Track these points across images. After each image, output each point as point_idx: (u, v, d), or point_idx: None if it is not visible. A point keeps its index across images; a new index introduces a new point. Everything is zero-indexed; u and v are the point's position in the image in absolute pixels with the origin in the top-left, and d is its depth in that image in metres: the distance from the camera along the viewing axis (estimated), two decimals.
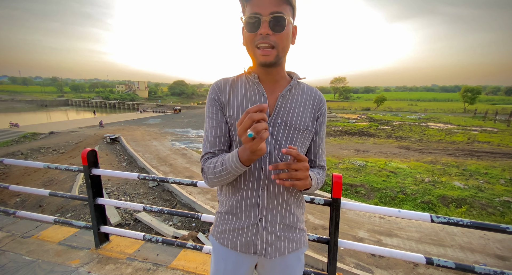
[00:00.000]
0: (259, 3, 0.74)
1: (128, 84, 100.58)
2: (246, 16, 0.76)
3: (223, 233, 0.89)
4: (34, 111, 58.76)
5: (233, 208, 0.87)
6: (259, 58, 0.78)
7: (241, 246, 0.86)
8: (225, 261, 0.89)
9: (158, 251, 2.08)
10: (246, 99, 0.85)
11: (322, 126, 0.92)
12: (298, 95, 0.88)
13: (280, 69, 0.85)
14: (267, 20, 0.74)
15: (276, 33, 0.75)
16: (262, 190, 0.83)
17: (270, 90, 0.86)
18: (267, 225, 0.85)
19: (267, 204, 0.84)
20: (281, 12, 0.74)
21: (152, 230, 8.24)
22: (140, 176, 1.98)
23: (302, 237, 0.92)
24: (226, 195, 0.90)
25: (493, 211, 9.00)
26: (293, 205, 0.89)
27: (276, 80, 0.86)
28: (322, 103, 0.90)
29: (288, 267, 0.90)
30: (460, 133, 25.43)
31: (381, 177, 11.77)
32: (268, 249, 0.85)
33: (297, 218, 0.90)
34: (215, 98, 0.87)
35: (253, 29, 0.76)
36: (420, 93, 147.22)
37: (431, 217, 1.35)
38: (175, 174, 12.87)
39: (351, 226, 7.88)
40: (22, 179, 13.16)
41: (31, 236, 2.28)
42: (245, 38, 0.80)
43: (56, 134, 24.28)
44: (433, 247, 6.95)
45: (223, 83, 0.89)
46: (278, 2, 0.74)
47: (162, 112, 49.01)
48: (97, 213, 2.07)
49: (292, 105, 0.86)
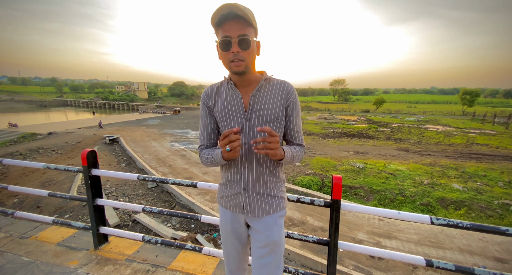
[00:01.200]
0: (229, 28, 0.95)
1: (127, 85, 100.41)
2: (219, 38, 0.98)
3: (222, 198, 1.21)
4: (33, 111, 58.56)
5: (227, 180, 1.18)
6: (232, 68, 1.00)
7: (232, 207, 1.16)
8: (225, 217, 1.20)
9: (157, 252, 2.07)
10: (227, 102, 1.10)
11: (294, 112, 1.12)
12: (267, 91, 1.09)
13: (251, 75, 1.07)
14: (236, 41, 0.96)
15: (244, 50, 0.97)
16: (244, 169, 1.11)
17: (245, 92, 1.10)
18: (249, 193, 1.13)
19: (248, 178, 1.12)
20: (246, 34, 0.96)
21: (150, 231, 8.20)
22: (140, 177, 1.97)
23: (279, 203, 1.16)
24: (223, 171, 1.20)
25: (492, 213, 9.01)
26: (269, 179, 1.13)
27: (249, 83, 1.09)
28: (290, 93, 1.10)
29: (267, 225, 1.14)
30: (459, 135, 25.49)
31: (380, 179, 11.77)
32: (250, 210, 1.13)
33: (272, 189, 1.15)
34: (205, 103, 1.16)
35: (226, 49, 0.98)
36: (419, 96, 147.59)
37: (431, 219, 1.36)
38: (174, 175, 12.84)
39: (350, 228, 7.87)
40: (20, 179, 13.10)
41: (29, 236, 2.27)
42: (220, 55, 1.02)
43: (55, 134, 24.21)
44: (432, 249, 6.94)
45: (210, 90, 1.16)
46: (243, 27, 0.95)
47: (162, 113, 48.96)
48: (96, 214, 2.06)
49: (263, 101, 1.08)
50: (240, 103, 1.08)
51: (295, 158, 1.10)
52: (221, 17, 0.94)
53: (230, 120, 1.09)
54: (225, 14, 0.92)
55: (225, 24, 0.95)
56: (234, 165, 1.13)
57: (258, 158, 1.11)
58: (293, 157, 1.08)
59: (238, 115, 1.08)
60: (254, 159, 1.11)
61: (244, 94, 1.09)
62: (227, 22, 0.95)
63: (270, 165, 1.13)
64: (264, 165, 1.12)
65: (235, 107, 1.09)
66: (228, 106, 1.09)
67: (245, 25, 0.96)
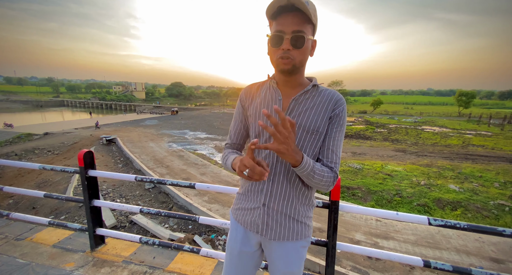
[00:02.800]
0: (283, 22, 0.84)
1: (125, 85, 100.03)
2: (272, 31, 0.88)
3: (237, 210, 1.06)
4: (29, 111, 58.04)
5: (246, 191, 1.03)
6: (279, 66, 0.89)
7: (247, 223, 1.01)
8: (237, 232, 1.05)
9: (154, 254, 2.06)
10: (264, 102, 0.98)
11: (336, 127, 0.93)
12: (312, 98, 0.94)
13: (299, 76, 0.94)
14: (289, 38, 0.84)
15: (296, 49, 0.85)
16: (268, 180, 0.96)
17: (287, 94, 0.95)
18: (269, 210, 0.96)
19: (271, 192, 0.96)
20: (302, 31, 0.84)
21: (148, 232, 8.15)
22: (138, 178, 1.96)
23: (302, 229, 0.99)
24: (243, 179, 1.04)
25: (488, 214, 9.09)
26: (295, 198, 0.97)
27: (294, 86, 0.95)
28: (338, 103, 0.93)
29: (286, 253, 0.99)
30: (455, 136, 25.71)
31: (378, 180, 11.82)
32: (268, 230, 0.97)
33: (298, 212, 0.97)
34: (241, 100, 1.06)
35: (276, 45, 0.86)
36: (416, 97, 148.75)
37: (429, 220, 1.36)
38: (171, 176, 12.79)
39: (348, 229, 7.89)
40: (15, 180, 12.95)
41: (25, 238, 2.24)
42: (269, 50, 0.91)
43: (51, 135, 24.00)
44: (429, 250, 6.98)
45: (250, 88, 1.05)
46: (300, 22, 0.83)
47: (159, 113, 48.78)
48: (93, 215, 2.04)
49: (305, 108, 0.93)
50: (279, 105, 0.94)
51: (315, 177, 0.86)
52: (278, 8, 0.83)
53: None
54: (283, 5, 0.82)
55: (281, 16, 0.85)
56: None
57: (286, 170, 0.94)
58: (313, 173, 0.85)
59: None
60: (282, 171, 0.94)
61: (285, 97, 0.95)
62: (283, 15, 0.84)
63: (299, 182, 0.96)
64: (292, 180, 0.95)
65: (271, 109, 0.95)
66: (265, 106, 0.96)
67: (303, 20, 0.84)
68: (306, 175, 0.86)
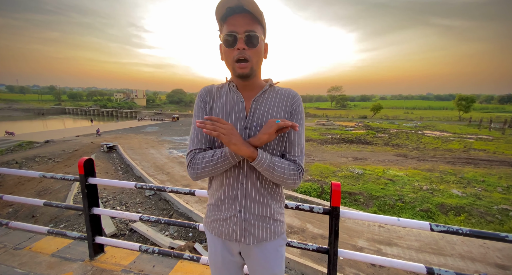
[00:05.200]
0: (235, 23, 0.86)
1: (126, 93, 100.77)
2: (223, 34, 0.88)
3: (211, 223, 1.03)
4: (31, 119, 58.32)
5: (218, 200, 1.00)
6: (237, 70, 0.90)
7: (225, 234, 0.99)
8: (215, 246, 1.03)
9: (154, 263, 2.03)
10: (227, 105, 0.98)
11: (296, 121, 0.97)
12: (271, 97, 0.98)
13: (256, 79, 0.98)
14: (242, 37, 0.86)
15: (251, 48, 0.87)
16: (241, 185, 0.96)
17: (247, 96, 0.98)
18: (245, 215, 0.96)
19: (246, 197, 0.96)
20: (253, 31, 0.86)
21: (148, 240, 8.07)
22: (138, 185, 1.95)
23: (278, 227, 1.02)
24: (213, 189, 1.04)
25: (492, 219, 8.98)
26: (269, 198, 0.99)
27: (253, 88, 0.99)
28: (294, 99, 0.98)
29: (266, 256, 1.00)
30: (456, 141, 25.64)
31: (380, 185, 11.74)
32: (247, 236, 0.97)
33: (273, 210, 1.00)
34: (202, 100, 1.01)
35: (231, 45, 0.88)
36: (416, 102, 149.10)
37: (431, 226, 1.35)
38: (172, 182, 12.74)
39: (351, 235, 7.79)
40: (16, 188, 12.91)
41: (23, 247, 2.22)
42: (224, 53, 0.92)
43: (52, 142, 24.05)
44: (434, 256, 6.87)
45: (210, 88, 1.02)
46: (251, 22, 0.86)
47: (160, 120, 48.96)
48: (92, 223, 2.03)
49: (266, 108, 0.96)
50: (242, 107, 0.96)
51: (276, 170, 0.88)
52: (227, 10, 0.84)
53: None
54: (232, 7, 0.83)
55: (231, 18, 0.86)
56: (228, 180, 0.97)
57: (258, 172, 0.95)
58: (273, 165, 0.88)
59: (238, 120, 0.95)
60: (254, 174, 0.95)
61: (246, 99, 0.97)
62: (233, 16, 0.86)
63: (271, 181, 0.98)
64: (264, 181, 0.97)
65: (235, 111, 0.96)
66: (228, 109, 0.97)
67: (254, 21, 0.86)
68: (266, 169, 0.88)
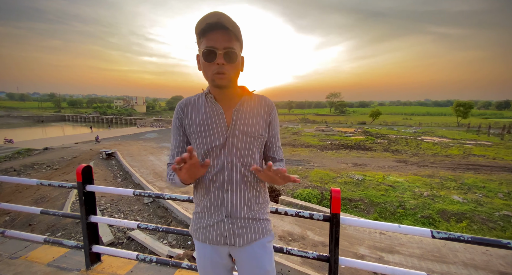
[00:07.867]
0: (215, 39, 0.89)
1: (126, 99, 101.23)
2: (202, 47, 0.92)
3: (198, 230, 1.05)
4: (30, 126, 58.29)
5: (205, 208, 1.03)
6: (215, 81, 0.93)
7: (213, 239, 1.02)
8: (204, 253, 1.05)
9: (151, 272, 1.99)
10: (207, 117, 1.00)
11: (275, 128, 1.09)
12: (250, 107, 1.03)
13: (233, 89, 1.01)
14: (222, 53, 0.90)
15: (229, 63, 0.92)
16: (226, 192, 1.00)
17: (226, 106, 1.01)
18: (232, 219, 1.00)
19: (231, 202, 1.00)
20: (232, 48, 0.91)
21: (146, 249, 7.93)
22: (136, 192, 1.94)
23: (265, 225, 1.07)
24: (199, 197, 1.06)
25: (494, 225, 8.89)
26: (253, 200, 1.04)
27: (230, 98, 1.02)
28: (271, 108, 1.06)
29: (255, 254, 1.03)
30: (456, 146, 25.66)
31: (380, 191, 11.66)
32: (236, 239, 1.00)
33: (257, 212, 1.05)
34: (179, 118, 1.05)
35: (210, 59, 0.91)
36: (414, 108, 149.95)
37: (432, 233, 1.33)
38: (171, 189, 12.63)
39: (352, 243, 7.68)
40: (13, 196, 12.78)
41: (19, 257, 2.18)
42: (203, 65, 0.95)
43: (51, 149, 23.97)
44: (436, 264, 6.76)
45: (185, 103, 1.05)
46: (230, 39, 0.90)
47: (160, 126, 49.00)
48: (89, 232, 2.00)
49: (246, 117, 1.01)
50: (222, 118, 0.99)
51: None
52: (207, 25, 0.87)
53: (211, 137, 0.99)
54: (212, 23, 0.86)
55: (211, 33, 0.89)
56: (214, 188, 1.01)
57: (243, 177, 1.00)
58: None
59: (219, 131, 0.99)
60: (239, 179, 1.00)
61: (225, 109, 1.01)
62: (213, 32, 0.89)
63: (255, 184, 1.04)
64: (249, 185, 1.02)
65: (216, 123, 0.99)
66: (208, 121, 0.99)
67: (232, 37, 0.91)
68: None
